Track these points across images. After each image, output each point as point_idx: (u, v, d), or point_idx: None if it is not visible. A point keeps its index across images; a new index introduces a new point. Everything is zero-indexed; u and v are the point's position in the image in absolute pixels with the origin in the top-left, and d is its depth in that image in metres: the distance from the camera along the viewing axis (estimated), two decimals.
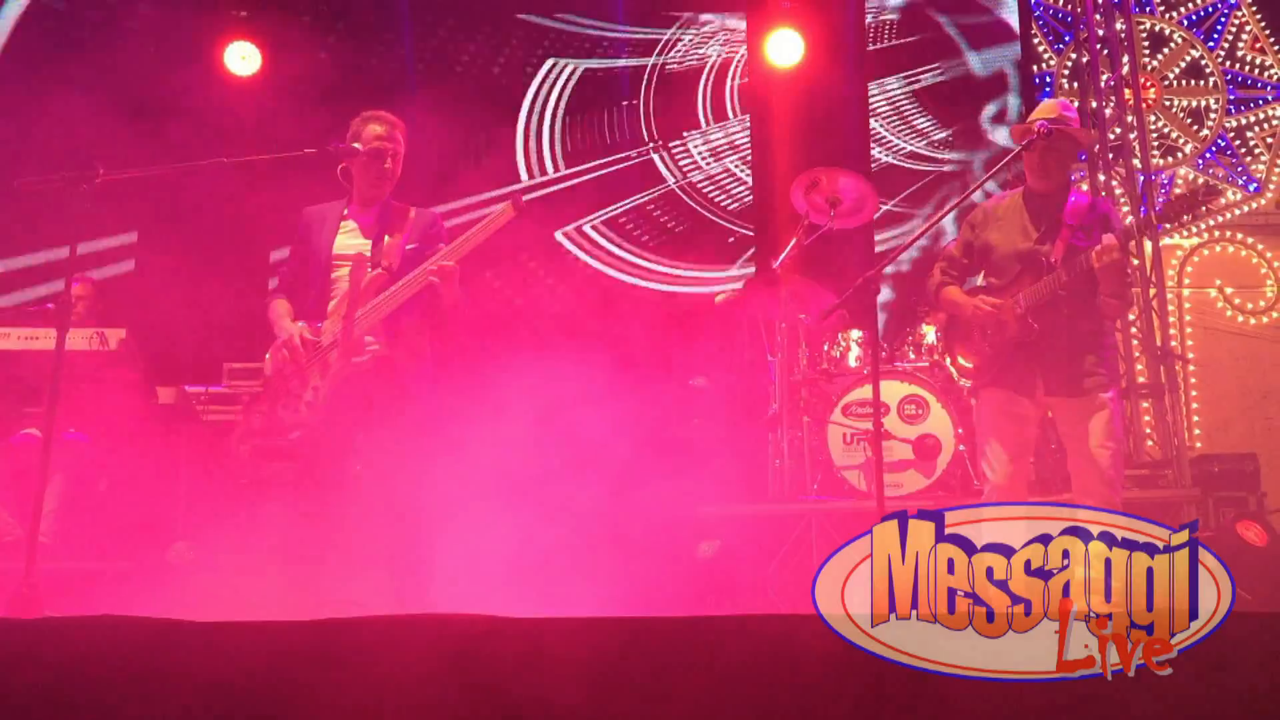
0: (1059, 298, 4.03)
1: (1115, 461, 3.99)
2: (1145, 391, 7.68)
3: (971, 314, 4.23)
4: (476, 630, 2.43)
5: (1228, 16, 9.44)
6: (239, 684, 2.29)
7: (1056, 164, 4.16)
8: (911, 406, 5.87)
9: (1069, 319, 4.06)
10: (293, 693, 2.28)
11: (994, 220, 4.27)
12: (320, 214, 4.24)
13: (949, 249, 4.46)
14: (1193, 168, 9.32)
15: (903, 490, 5.72)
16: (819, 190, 6.14)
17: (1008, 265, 4.18)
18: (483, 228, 3.94)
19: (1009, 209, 4.27)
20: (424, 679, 2.30)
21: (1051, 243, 4.10)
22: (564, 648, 2.35)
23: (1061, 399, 4.09)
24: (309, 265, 4.13)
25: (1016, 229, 4.21)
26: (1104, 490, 3.92)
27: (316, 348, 3.94)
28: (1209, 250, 9.40)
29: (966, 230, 4.37)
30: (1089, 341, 4.08)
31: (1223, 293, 9.32)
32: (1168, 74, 9.41)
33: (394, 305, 3.93)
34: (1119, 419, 4.07)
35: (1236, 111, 9.39)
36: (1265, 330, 9.29)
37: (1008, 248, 4.19)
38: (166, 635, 2.40)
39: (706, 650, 2.34)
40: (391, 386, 3.96)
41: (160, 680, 2.30)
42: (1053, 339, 4.05)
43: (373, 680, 2.30)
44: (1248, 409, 9.13)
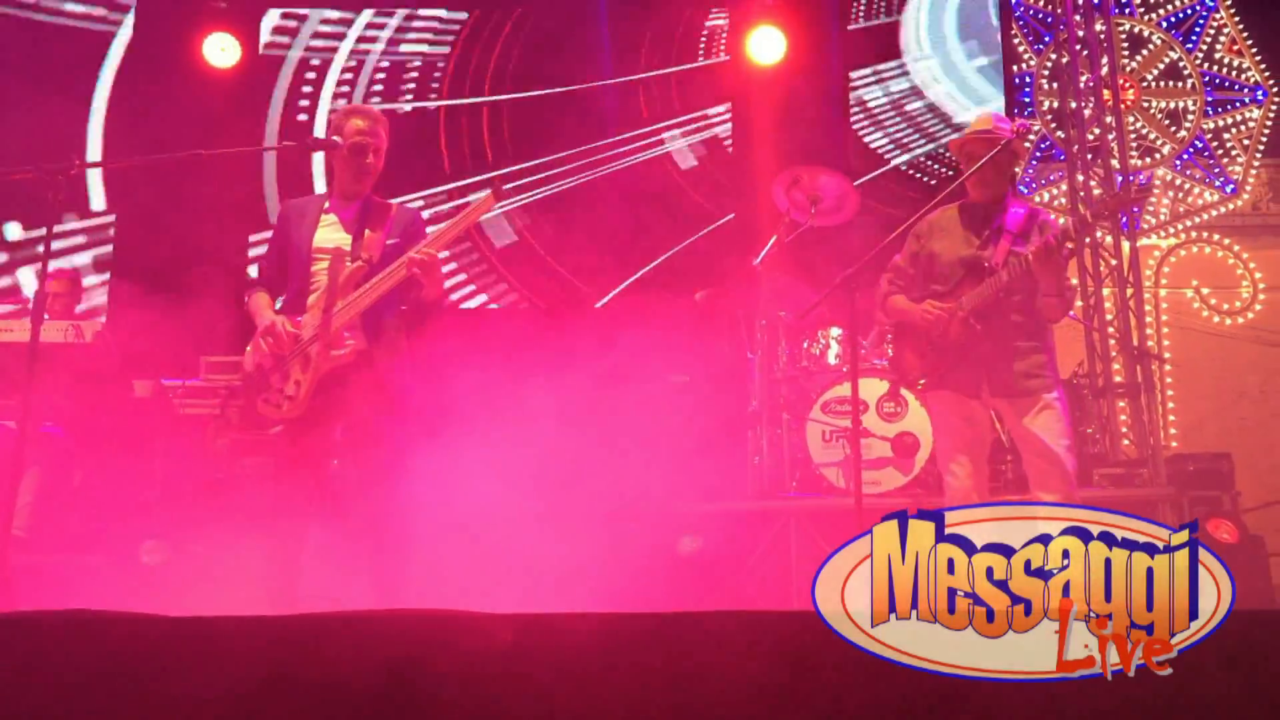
0: (1001, 300, 4.14)
1: (1069, 457, 4.08)
2: (1121, 391, 7.72)
3: (917, 319, 4.33)
4: (454, 626, 2.42)
5: (1206, 19, 9.52)
6: (212, 679, 2.28)
7: (995, 175, 4.26)
8: (890, 404, 5.90)
9: (1011, 321, 4.16)
10: (267, 688, 2.27)
11: (938, 230, 4.39)
12: (301, 208, 4.22)
13: (896, 261, 4.55)
14: (1170, 169, 9.39)
15: (881, 488, 5.74)
16: (800, 188, 6.16)
17: (951, 271, 4.29)
18: (464, 216, 3.94)
19: (951, 219, 4.39)
20: (401, 674, 2.29)
21: (993, 248, 4.22)
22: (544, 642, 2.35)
23: (1005, 400, 4.18)
24: (289, 259, 4.11)
25: (959, 237, 4.33)
26: (1063, 486, 4.01)
27: (297, 340, 3.93)
28: (1186, 251, 9.48)
29: (912, 241, 4.47)
30: (1031, 343, 4.17)
31: (1199, 293, 9.40)
32: (1146, 75, 9.48)
33: (373, 298, 3.92)
34: (1067, 417, 4.16)
35: (1214, 113, 9.47)
36: (1240, 330, 9.38)
37: (951, 255, 4.30)
38: (140, 630, 2.39)
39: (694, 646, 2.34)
40: (370, 382, 3.95)
41: (133, 675, 2.29)
42: (995, 341, 4.15)
43: (351, 675, 2.29)
44: (1222, 408, 9.22)
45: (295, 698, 2.29)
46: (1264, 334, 9.35)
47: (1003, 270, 4.11)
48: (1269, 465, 8.76)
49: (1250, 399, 9.37)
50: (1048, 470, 4.07)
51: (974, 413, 4.26)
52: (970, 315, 4.16)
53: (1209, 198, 9.39)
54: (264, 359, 3.96)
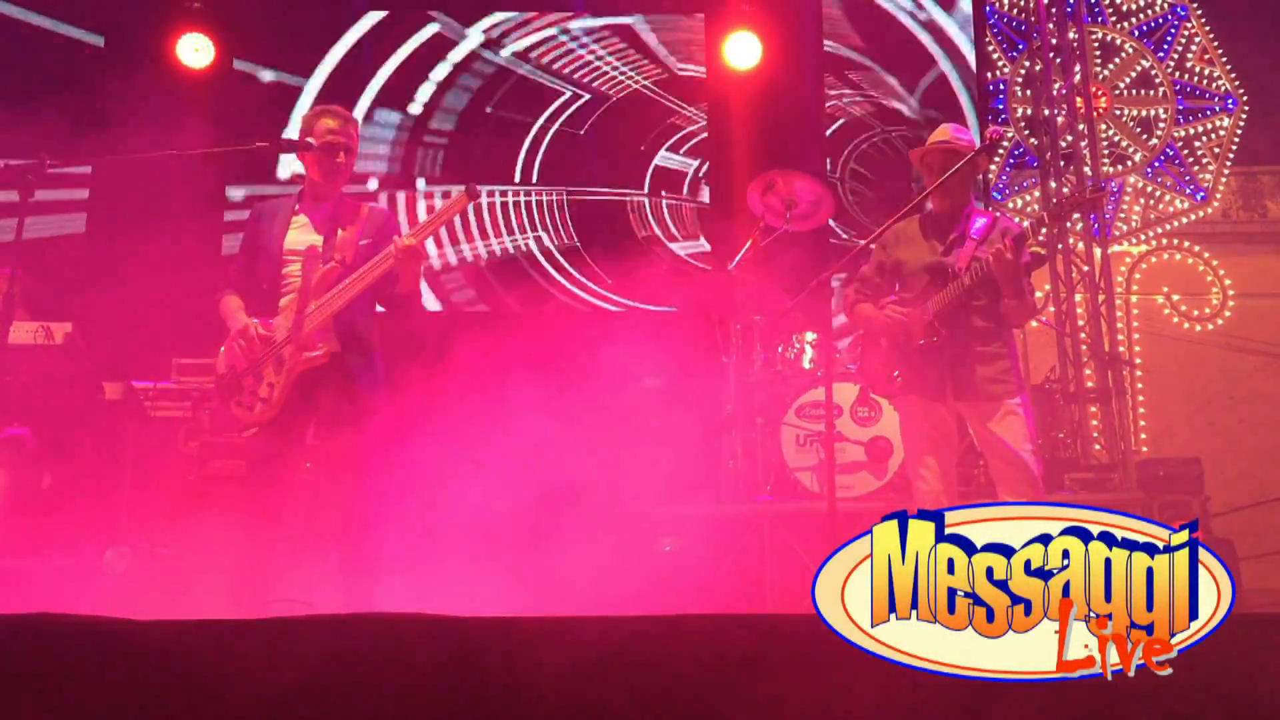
0: (965, 305, 4.20)
1: (1034, 460, 4.14)
2: (1093, 396, 7.79)
3: (882, 324, 4.38)
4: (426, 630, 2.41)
5: (1177, 28, 9.62)
6: (179, 683, 2.26)
7: (956, 184, 4.31)
8: (864, 409, 5.92)
9: (975, 326, 4.22)
10: (234, 692, 2.25)
11: (903, 239, 4.45)
12: (272, 209, 4.20)
13: (863, 270, 4.61)
14: (1142, 176, 9.47)
15: (854, 492, 5.75)
16: (775, 192, 6.17)
17: (916, 278, 4.34)
18: (439, 214, 3.94)
19: (915, 229, 4.46)
20: (369, 679, 2.28)
21: (957, 253, 4.28)
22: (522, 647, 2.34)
23: (969, 404, 4.23)
24: (259, 260, 4.09)
25: (923, 245, 4.39)
26: (1029, 490, 4.05)
27: (270, 342, 3.90)
28: (1156, 258, 9.58)
29: (879, 251, 4.53)
30: (994, 348, 4.22)
31: (1170, 299, 9.50)
32: (1118, 83, 9.57)
33: (346, 300, 3.90)
34: (1031, 422, 4.22)
35: (1185, 121, 9.56)
36: (1210, 336, 9.48)
37: (915, 262, 4.36)
38: (105, 633, 2.36)
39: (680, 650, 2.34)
40: (342, 385, 3.93)
41: (99, 680, 2.26)
42: (959, 345, 4.20)
43: (317, 679, 2.28)
44: (1192, 414, 9.32)
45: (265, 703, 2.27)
46: (1233, 340, 9.45)
47: (965, 275, 4.15)
48: (1238, 470, 8.86)
49: (1220, 404, 9.47)
50: (1012, 474, 4.12)
51: (940, 417, 4.29)
52: (934, 320, 4.21)
53: (1180, 205, 9.48)
54: (237, 361, 3.94)
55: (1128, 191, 9.45)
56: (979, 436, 4.31)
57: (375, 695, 2.29)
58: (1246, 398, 9.48)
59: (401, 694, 2.29)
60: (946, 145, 4.36)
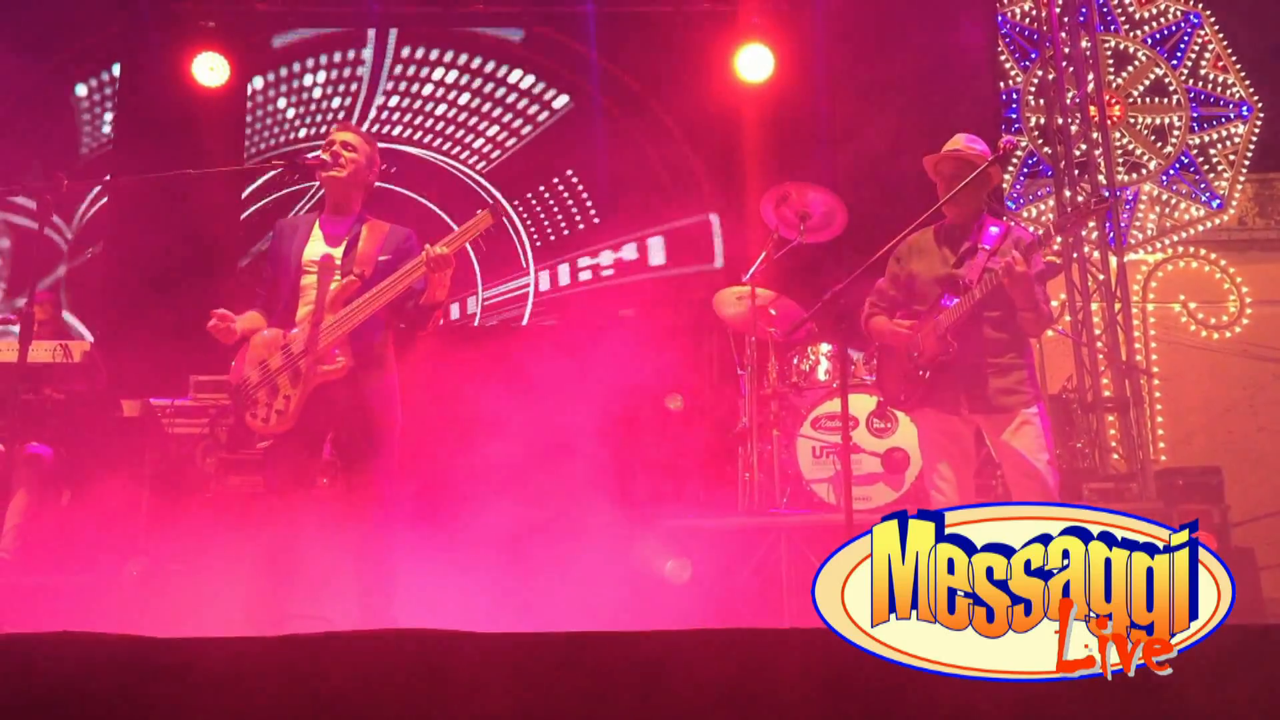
0: (978, 317, 4.19)
1: (1050, 471, 4.12)
2: (1110, 405, 7.75)
3: (897, 338, 4.40)
4: (445, 646, 2.41)
5: (1191, 35, 9.59)
6: (202, 700, 2.26)
7: (969, 194, 4.29)
8: (880, 420, 5.91)
9: (988, 338, 4.21)
10: (253, 709, 2.25)
11: (916, 252, 4.46)
12: (293, 224, 4.26)
13: (879, 284, 4.62)
14: (1157, 184, 9.44)
15: (871, 503, 5.74)
16: (789, 204, 6.17)
17: (929, 291, 4.36)
18: (462, 232, 3.95)
19: (928, 240, 4.47)
20: (389, 694, 2.28)
21: (968, 265, 4.28)
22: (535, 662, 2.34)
23: (984, 415, 4.22)
24: (280, 271, 4.11)
25: (936, 257, 4.40)
26: (1044, 501, 4.00)
27: (288, 353, 3.92)
28: (1173, 266, 9.53)
29: (893, 264, 4.55)
30: (1009, 360, 4.21)
31: (1186, 308, 9.45)
32: (1132, 91, 9.54)
33: (364, 315, 3.92)
34: (1048, 432, 4.20)
35: (1199, 129, 9.53)
36: (1228, 345, 9.42)
37: (928, 275, 4.38)
38: (127, 651, 2.37)
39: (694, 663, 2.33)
40: (358, 400, 3.94)
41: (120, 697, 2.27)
42: (973, 357, 4.20)
43: (336, 695, 2.28)
44: (1210, 422, 9.25)
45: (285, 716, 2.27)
46: (1251, 348, 9.39)
47: (976, 287, 4.15)
48: (1257, 479, 8.78)
49: (1238, 413, 9.39)
50: (1027, 485, 4.10)
51: (956, 429, 4.30)
52: (947, 333, 4.20)
53: (1195, 213, 9.44)
54: (251, 372, 3.95)
55: (1143, 200, 9.41)
56: (996, 447, 4.31)
57: (396, 711, 2.29)
58: (1265, 405, 9.40)
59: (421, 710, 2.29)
60: (959, 154, 4.37)
